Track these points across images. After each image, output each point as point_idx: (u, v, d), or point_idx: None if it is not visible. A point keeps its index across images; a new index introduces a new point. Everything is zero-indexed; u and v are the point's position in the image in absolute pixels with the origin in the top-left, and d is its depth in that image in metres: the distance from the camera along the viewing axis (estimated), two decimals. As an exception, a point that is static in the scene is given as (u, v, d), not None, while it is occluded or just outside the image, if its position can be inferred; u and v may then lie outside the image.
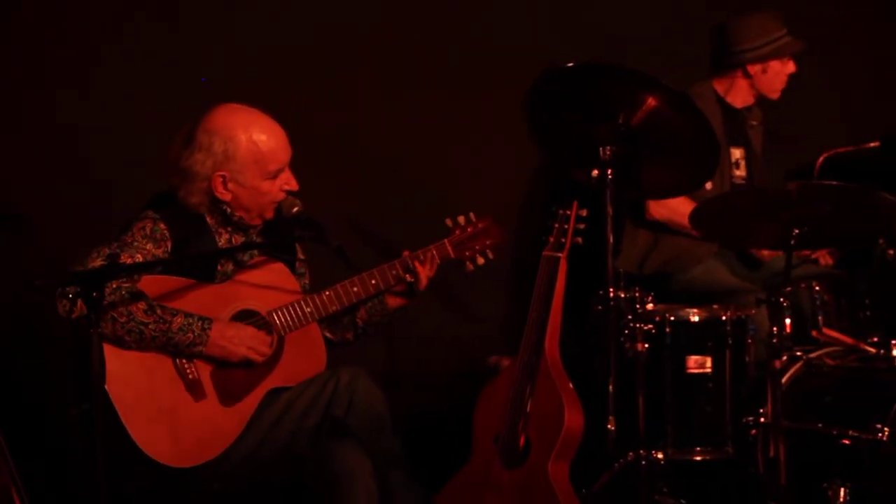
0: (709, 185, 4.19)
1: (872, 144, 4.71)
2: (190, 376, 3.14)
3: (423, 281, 3.44)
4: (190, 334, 3.10)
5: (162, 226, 3.19)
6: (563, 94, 3.74)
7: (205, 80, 4.37)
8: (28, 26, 4.12)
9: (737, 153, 4.51)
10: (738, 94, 4.51)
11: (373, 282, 3.35)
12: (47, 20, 4.15)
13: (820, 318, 3.95)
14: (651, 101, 3.65)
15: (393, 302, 3.51)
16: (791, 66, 4.46)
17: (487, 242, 3.55)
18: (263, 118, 3.28)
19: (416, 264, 3.43)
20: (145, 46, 4.22)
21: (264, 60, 4.37)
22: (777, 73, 4.44)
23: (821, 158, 4.66)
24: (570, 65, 3.68)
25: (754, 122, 4.59)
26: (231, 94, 3.53)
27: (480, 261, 3.55)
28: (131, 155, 4.01)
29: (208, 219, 3.28)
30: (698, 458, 3.88)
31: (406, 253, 3.45)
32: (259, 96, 3.37)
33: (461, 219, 3.54)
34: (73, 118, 4.14)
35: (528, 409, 3.50)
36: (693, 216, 3.68)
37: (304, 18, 4.45)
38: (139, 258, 3.11)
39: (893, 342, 3.71)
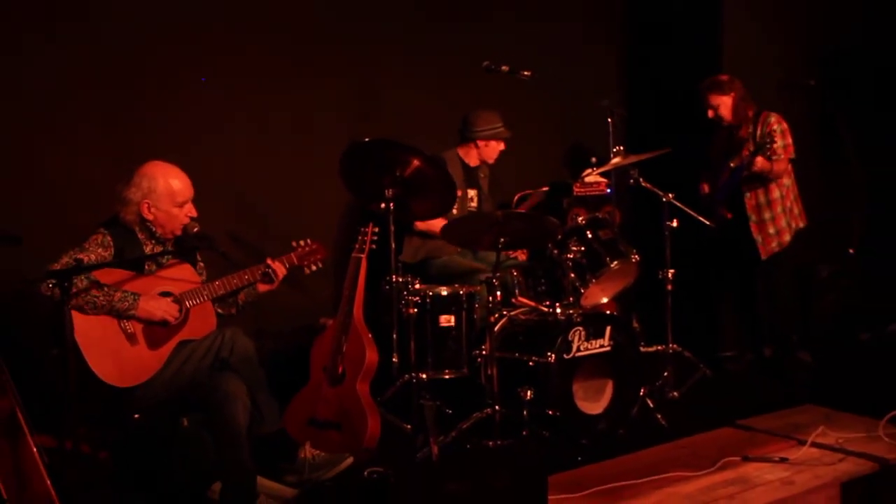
0: (455, 212, 4.29)
1: (544, 188, 4.86)
2: (129, 330, 3.14)
3: (280, 277, 3.44)
4: (126, 303, 3.10)
5: (109, 238, 3.20)
6: (363, 157, 3.77)
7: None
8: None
9: (471, 193, 4.53)
10: (472, 158, 4.54)
11: (246, 276, 3.36)
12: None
13: (517, 290, 4.05)
14: (415, 162, 3.73)
15: (261, 289, 3.48)
16: (502, 145, 4.53)
17: (318, 257, 3.57)
18: (175, 169, 3.30)
19: (275, 266, 3.42)
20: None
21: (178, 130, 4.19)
22: (493, 148, 4.52)
23: (516, 196, 4.83)
24: (367, 140, 3.73)
25: (482, 176, 4.61)
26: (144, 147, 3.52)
27: (314, 268, 3.58)
28: (89, 188, 3.86)
29: (139, 234, 3.28)
30: (447, 377, 3.96)
31: (268, 259, 3.44)
32: (171, 154, 3.37)
33: (302, 242, 3.55)
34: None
35: (344, 350, 3.56)
36: (443, 230, 3.81)
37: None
38: (93, 258, 3.12)
39: (557, 304, 3.85)
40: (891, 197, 5.60)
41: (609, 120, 4.25)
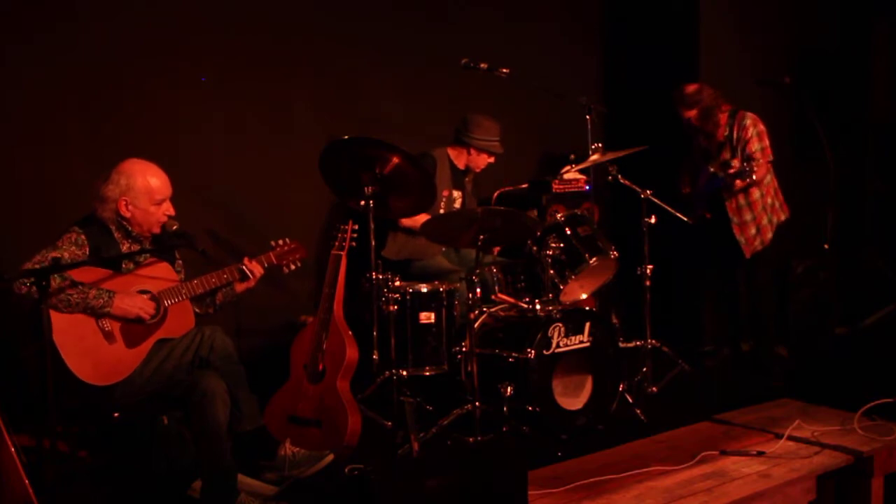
0: (441, 211, 4.32)
1: (524, 185, 4.88)
2: (106, 329, 3.12)
3: (257, 276, 3.43)
4: (101, 300, 3.07)
5: (83, 237, 3.17)
6: (342, 155, 3.76)
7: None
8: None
9: (456, 194, 4.52)
10: (461, 161, 4.51)
11: (224, 276, 3.35)
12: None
13: (496, 287, 4.08)
14: (395, 159, 3.72)
15: (239, 287, 3.46)
16: (492, 159, 4.52)
17: (296, 256, 3.56)
18: (154, 167, 3.28)
19: (251, 266, 3.42)
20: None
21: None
22: (483, 160, 4.50)
23: (496, 193, 4.80)
24: (346, 137, 3.71)
25: (467, 179, 4.60)
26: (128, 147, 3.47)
27: (292, 267, 3.57)
28: (66, 186, 3.85)
29: (115, 233, 3.24)
30: (427, 373, 3.98)
31: (245, 259, 3.43)
32: (149, 153, 3.35)
33: (280, 241, 3.55)
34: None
35: (324, 347, 3.56)
36: (423, 226, 3.77)
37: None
38: (67, 257, 3.08)
39: (536, 300, 3.86)
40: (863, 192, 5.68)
41: (588, 117, 4.26)
